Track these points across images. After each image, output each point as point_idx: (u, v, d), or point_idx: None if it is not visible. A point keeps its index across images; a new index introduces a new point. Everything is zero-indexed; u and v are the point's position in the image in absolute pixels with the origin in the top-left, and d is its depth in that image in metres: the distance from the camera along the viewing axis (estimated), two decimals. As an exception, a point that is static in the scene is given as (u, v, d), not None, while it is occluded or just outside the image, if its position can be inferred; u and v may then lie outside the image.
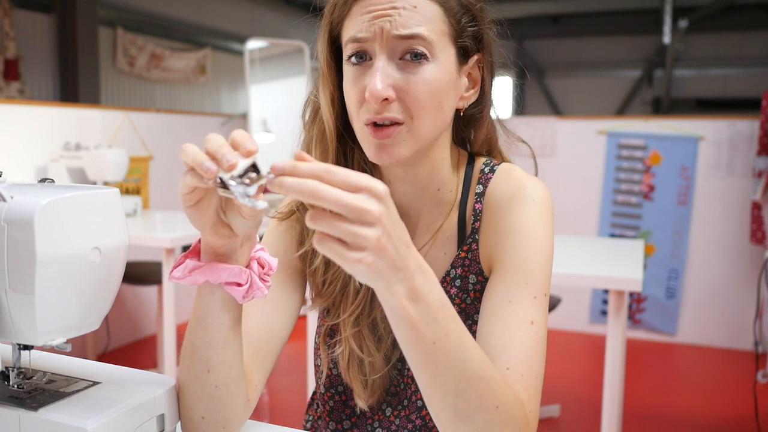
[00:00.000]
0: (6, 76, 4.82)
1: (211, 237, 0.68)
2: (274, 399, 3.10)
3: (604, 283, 1.96)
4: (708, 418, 3.01)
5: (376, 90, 0.75)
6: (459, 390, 0.65)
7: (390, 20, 0.76)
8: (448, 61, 0.80)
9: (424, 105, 0.78)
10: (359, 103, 0.79)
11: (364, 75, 0.78)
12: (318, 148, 0.87)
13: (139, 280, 3.12)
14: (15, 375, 0.70)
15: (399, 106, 0.78)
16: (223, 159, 0.58)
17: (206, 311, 0.71)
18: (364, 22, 0.77)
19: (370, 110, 0.78)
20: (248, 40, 4.68)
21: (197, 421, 0.75)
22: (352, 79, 0.80)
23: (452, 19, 0.80)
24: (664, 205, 4.08)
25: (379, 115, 0.77)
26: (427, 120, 0.79)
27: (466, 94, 0.86)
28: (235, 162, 0.58)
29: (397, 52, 0.77)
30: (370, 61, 0.78)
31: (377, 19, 0.76)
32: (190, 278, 0.69)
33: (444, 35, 0.79)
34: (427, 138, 0.81)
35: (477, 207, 0.88)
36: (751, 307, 3.85)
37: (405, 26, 0.76)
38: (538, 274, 0.80)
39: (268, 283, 0.71)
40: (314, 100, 0.89)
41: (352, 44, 0.79)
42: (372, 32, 0.77)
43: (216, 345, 0.72)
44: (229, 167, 0.58)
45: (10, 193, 0.62)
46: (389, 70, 0.77)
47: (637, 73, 9.40)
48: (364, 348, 0.89)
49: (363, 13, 0.77)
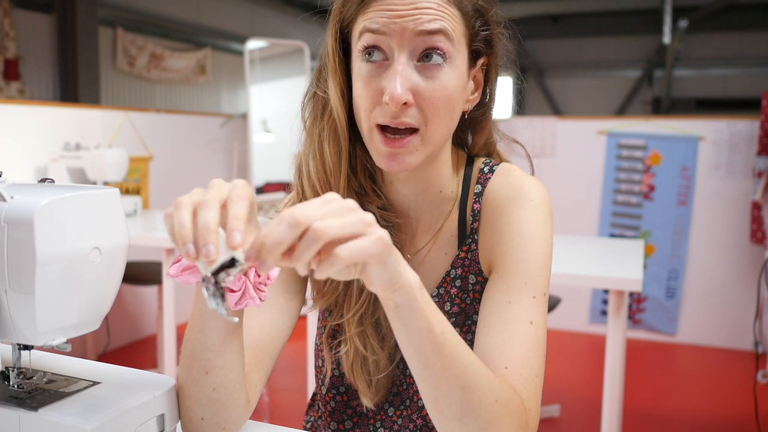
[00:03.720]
0: (6, 76, 4.81)
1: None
2: (274, 399, 3.10)
3: (604, 283, 1.96)
4: (708, 418, 3.01)
5: (397, 94, 0.74)
6: (465, 384, 0.65)
7: (413, 19, 0.75)
8: (462, 64, 0.80)
9: (440, 111, 0.77)
10: (372, 104, 0.78)
11: (380, 76, 0.77)
12: (332, 145, 0.84)
13: (139, 280, 3.12)
14: (15, 375, 0.70)
15: (416, 112, 0.76)
16: (204, 249, 0.56)
17: (203, 312, 0.71)
18: (383, 18, 0.75)
19: (386, 114, 0.76)
20: (248, 40, 4.68)
21: (197, 422, 0.75)
22: (365, 78, 0.78)
23: (468, 22, 0.80)
24: (664, 205, 4.08)
25: (396, 119, 0.76)
26: (441, 126, 0.79)
27: (471, 96, 0.85)
28: (214, 259, 0.56)
29: (417, 52, 0.76)
30: (387, 62, 0.77)
31: (399, 18, 0.75)
32: (183, 277, 0.68)
33: (462, 37, 0.79)
34: (438, 144, 0.81)
35: (476, 207, 0.88)
36: (751, 307, 3.85)
37: (430, 21, 0.75)
38: (537, 274, 0.80)
39: (264, 294, 0.69)
40: (322, 96, 0.86)
41: (368, 35, 0.77)
42: (391, 29, 0.75)
43: (213, 347, 0.72)
44: (208, 262, 0.56)
45: (10, 193, 0.62)
46: (409, 72, 0.76)
47: (637, 73, 9.39)
48: (369, 347, 0.88)
49: (382, 11, 0.76)
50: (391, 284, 0.60)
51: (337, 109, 0.83)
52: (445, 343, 0.64)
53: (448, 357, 0.64)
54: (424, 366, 0.65)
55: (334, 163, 0.84)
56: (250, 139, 4.60)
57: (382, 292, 0.61)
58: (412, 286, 0.61)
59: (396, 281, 0.60)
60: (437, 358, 0.64)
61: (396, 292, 0.61)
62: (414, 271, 0.63)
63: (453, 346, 0.65)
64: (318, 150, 0.85)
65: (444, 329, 0.64)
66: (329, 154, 0.84)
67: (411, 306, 0.62)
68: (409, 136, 0.77)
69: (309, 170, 0.86)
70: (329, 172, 0.85)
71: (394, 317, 0.63)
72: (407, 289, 0.61)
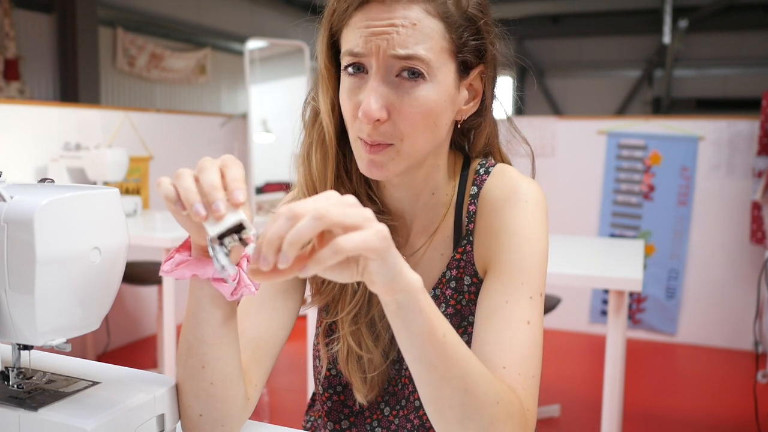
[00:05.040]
0: (6, 76, 4.81)
1: (200, 239, 0.67)
2: (274, 399, 3.10)
3: (604, 283, 1.96)
4: (708, 418, 3.01)
5: (369, 110, 0.75)
6: (467, 385, 0.65)
7: (387, 38, 0.74)
8: (446, 78, 0.79)
9: (416, 126, 0.77)
10: (353, 117, 0.79)
11: (360, 89, 0.78)
12: (318, 153, 0.87)
13: (139, 280, 3.12)
14: (15, 375, 0.70)
15: (390, 128, 0.77)
16: (213, 206, 0.58)
17: (197, 307, 0.72)
18: (362, 37, 0.76)
19: (363, 130, 0.78)
20: (248, 40, 4.68)
21: (195, 419, 0.75)
22: (348, 91, 0.80)
23: (453, 34, 0.78)
24: (664, 205, 4.08)
25: (370, 138, 0.77)
26: (419, 140, 0.79)
27: (465, 106, 0.85)
28: (223, 213, 0.58)
29: (394, 70, 0.76)
30: (367, 75, 0.78)
31: (374, 36, 0.75)
32: (177, 272, 0.69)
33: (443, 52, 0.77)
34: (419, 156, 0.81)
35: (471, 209, 0.88)
36: (751, 307, 3.85)
37: (402, 46, 0.74)
38: (534, 274, 0.80)
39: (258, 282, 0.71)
40: (314, 103, 0.88)
41: (349, 57, 0.78)
42: (369, 49, 0.76)
43: (209, 341, 0.72)
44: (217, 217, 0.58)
45: (10, 193, 0.62)
46: (383, 90, 0.76)
47: (637, 73, 9.39)
48: (363, 345, 0.89)
49: (361, 27, 0.76)
50: (393, 284, 0.59)
51: (326, 120, 0.85)
52: (447, 345, 0.64)
53: (450, 359, 0.64)
54: (426, 369, 0.65)
55: (319, 170, 0.87)
56: (250, 139, 4.60)
57: (384, 293, 0.60)
58: (415, 287, 0.61)
59: (398, 281, 0.59)
60: (440, 361, 0.64)
61: (398, 293, 0.60)
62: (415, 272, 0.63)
63: (455, 348, 0.65)
64: (306, 157, 0.88)
65: (446, 331, 0.64)
66: (315, 161, 0.87)
67: (413, 308, 0.61)
68: (385, 147, 0.78)
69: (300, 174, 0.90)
70: (315, 179, 0.87)
71: (396, 319, 0.63)
72: (409, 290, 0.61)
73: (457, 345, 0.65)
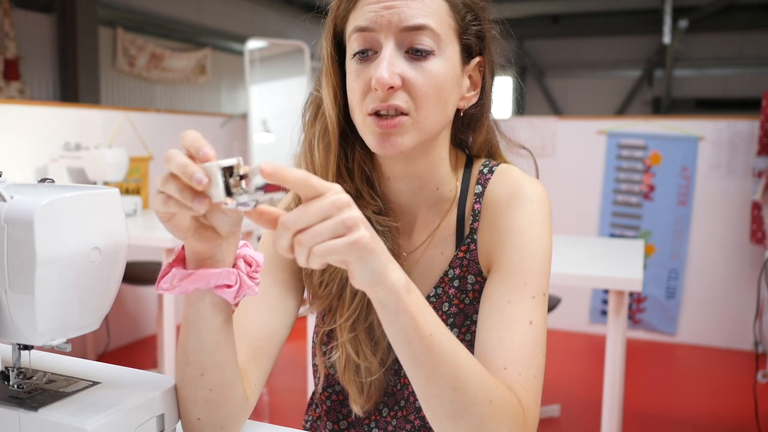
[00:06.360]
0: (6, 76, 4.81)
1: (195, 243, 0.67)
2: (274, 399, 3.10)
3: (604, 283, 1.96)
4: (708, 418, 3.01)
5: (383, 77, 0.75)
6: (456, 383, 0.66)
7: (398, 12, 0.76)
8: (454, 57, 0.81)
9: (429, 97, 0.78)
10: (363, 94, 0.79)
11: (369, 67, 0.79)
12: (321, 144, 0.87)
13: (139, 280, 3.12)
14: (15, 375, 0.70)
15: (405, 96, 0.78)
16: (201, 154, 0.59)
17: (197, 316, 0.71)
18: (371, 12, 0.77)
19: (375, 99, 0.78)
20: (248, 40, 4.68)
21: (194, 422, 0.75)
22: (356, 73, 0.80)
23: (457, 15, 0.81)
24: (664, 205, 4.08)
25: (384, 103, 0.77)
26: (432, 112, 0.79)
27: (468, 94, 0.86)
28: (213, 155, 0.60)
29: (404, 45, 0.77)
30: (376, 55, 0.78)
31: (385, 10, 0.76)
32: (179, 288, 0.67)
33: (450, 29, 0.80)
34: (430, 131, 0.81)
35: (476, 207, 0.88)
36: (751, 307, 3.85)
37: (413, 17, 0.76)
38: (537, 273, 0.80)
39: (257, 280, 0.71)
40: (317, 96, 0.88)
41: (357, 34, 0.79)
42: (379, 24, 0.77)
43: (208, 349, 0.72)
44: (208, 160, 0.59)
45: (10, 193, 0.62)
46: (396, 59, 0.77)
47: (637, 73, 9.39)
48: (361, 353, 0.89)
49: (371, 3, 0.78)
50: (372, 283, 0.61)
51: (329, 108, 0.85)
52: (434, 344, 0.65)
53: (437, 357, 0.65)
54: (413, 365, 0.66)
55: (322, 160, 0.86)
56: (250, 139, 4.60)
57: (365, 288, 0.63)
58: (396, 285, 0.62)
59: (378, 281, 0.61)
60: (426, 358, 0.65)
61: (379, 292, 0.62)
62: (403, 272, 0.64)
63: (443, 346, 0.65)
64: (309, 149, 0.88)
65: (434, 330, 0.65)
66: (318, 152, 0.87)
67: (395, 306, 0.63)
68: (400, 116, 0.78)
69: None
70: (318, 170, 0.86)
71: (382, 315, 0.65)
72: (391, 288, 0.62)
73: (446, 344, 0.66)
